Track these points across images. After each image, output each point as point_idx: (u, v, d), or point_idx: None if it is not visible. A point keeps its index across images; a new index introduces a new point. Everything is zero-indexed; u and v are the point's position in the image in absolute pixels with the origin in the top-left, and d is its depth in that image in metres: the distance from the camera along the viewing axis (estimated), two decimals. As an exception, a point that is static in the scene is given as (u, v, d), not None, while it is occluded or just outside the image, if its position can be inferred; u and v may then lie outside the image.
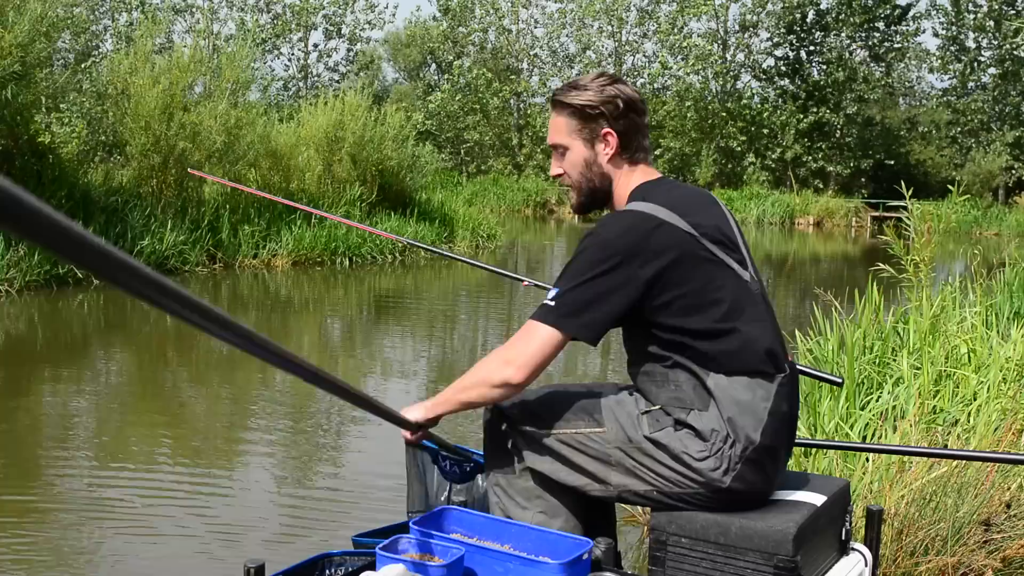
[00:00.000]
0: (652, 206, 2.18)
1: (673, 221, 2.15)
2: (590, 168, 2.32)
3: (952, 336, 5.47)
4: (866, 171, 45.95)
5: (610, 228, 2.16)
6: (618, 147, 2.29)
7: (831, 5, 45.56)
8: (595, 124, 2.28)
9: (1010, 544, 3.29)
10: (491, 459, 2.38)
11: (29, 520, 4.75)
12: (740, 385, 2.11)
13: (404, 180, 21.02)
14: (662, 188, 2.28)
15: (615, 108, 2.27)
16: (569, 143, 2.32)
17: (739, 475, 2.10)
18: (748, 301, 2.20)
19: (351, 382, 1.75)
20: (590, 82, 2.30)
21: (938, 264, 6.48)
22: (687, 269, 2.13)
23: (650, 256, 2.11)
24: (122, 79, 16.34)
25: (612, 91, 2.28)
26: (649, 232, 2.13)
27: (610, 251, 2.12)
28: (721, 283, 2.16)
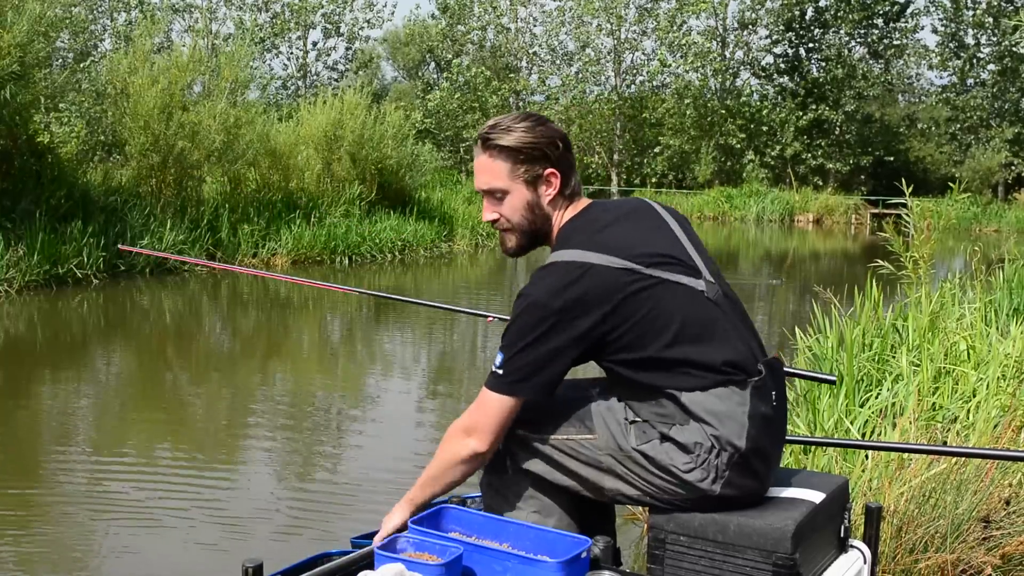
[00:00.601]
0: (578, 252, 2.13)
1: (603, 263, 2.11)
2: (532, 211, 2.26)
3: (951, 333, 5.46)
4: (865, 168, 45.91)
5: (540, 288, 2.12)
6: (559, 187, 2.25)
7: (830, 2, 45.50)
8: (537, 165, 2.23)
9: (1009, 541, 3.29)
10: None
11: (30, 517, 4.75)
12: (714, 398, 2.10)
13: (403, 179, 21.02)
14: (589, 222, 2.23)
15: (555, 148, 2.24)
16: (509, 187, 2.25)
17: (728, 481, 2.09)
18: (704, 313, 2.16)
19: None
20: (519, 123, 2.24)
21: (937, 261, 6.48)
22: (628, 307, 2.10)
23: (586, 307, 2.09)
24: (121, 79, 16.35)
25: (548, 131, 2.24)
26: (579, 283, 2.09)
27: (544, 312, 2.09)
28: (668, 306, 2.12)
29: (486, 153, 2.26)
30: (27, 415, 6.86)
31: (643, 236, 2.22)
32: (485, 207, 2.31)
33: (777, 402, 2.20)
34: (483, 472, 2.36)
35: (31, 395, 7.59)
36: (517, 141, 2.21)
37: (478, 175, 2.29)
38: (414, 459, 5.90)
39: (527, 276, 2.70)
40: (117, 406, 7.41)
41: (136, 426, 6.73)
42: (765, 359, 2.21)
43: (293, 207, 17.58)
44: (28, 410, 7.03)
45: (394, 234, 18.75)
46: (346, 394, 7.93)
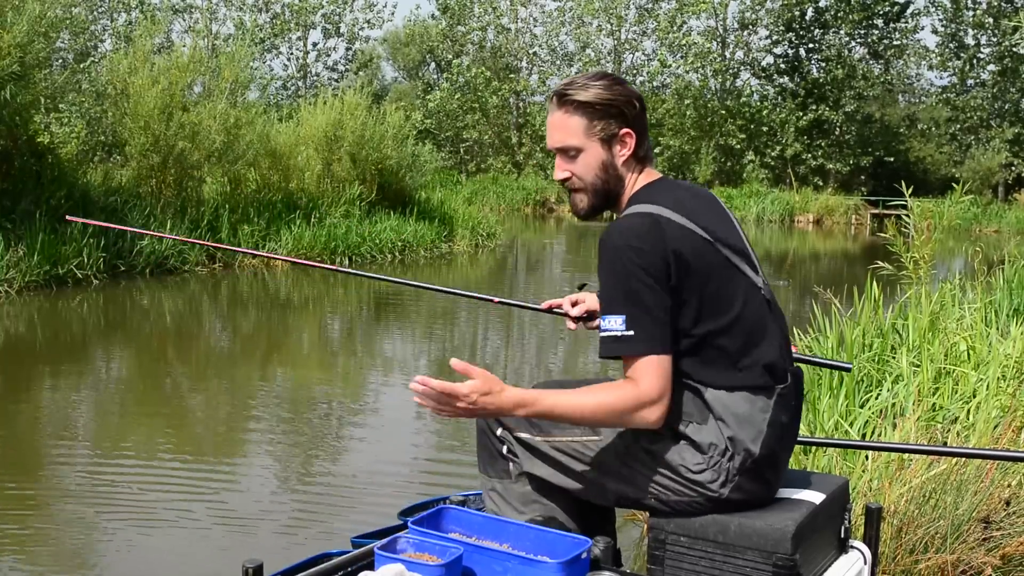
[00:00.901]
0: (659, 208, 2.09)
1: (683, 223, 2.07)
2: (606, 171, 2.19)
3: (951, 333, 5.46)
4: (866, 168, 45.91)
5: (627, 235, 2.04)
6: (634, 148, 2.19)
7: (830, 3, 45.51)
8: (613, 124, 2.16)
9: (1009, 541, 3.29)
10: (486, 465, 2.36)
11: (30, 517, 4.75)
12: (739, 399, 2.07)
13: (403, 179, 21.02)
14: (667, 191, 2.18)
15: (633, 107, 2.17)
16: (584, 144, 2.17)
17: (737, 486, 2.08)
18: (758, 310, 2.13)
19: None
20: (596, 80, 2.17)
21: (938, 261, 6.47)
22: (701, 276, 2.05)
23: (668, 258, 2.02)
24: (121, 79, 16.34)
25: (626, 90, 2.17)
26: (663, 234, 2.03)
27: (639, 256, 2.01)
28: (734, 291, 2.09)
29: (561, 109, 2.18)
30: (27, 415, 6.86)
31: (717, 218, 2.18)
32: (557, 165, 2.23)
33: (795, 411, 2.20)
34: (485, 478, 2.35)
35: (31, 395, 7.59)
36: (594, 97, 2.14)
37: (551, 132, 2.21)
38: (414, 459, 5.91)
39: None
40: (117, 406, 7.41)
41: (136, 426, 6.73)
42: (791, 367, 2.20)
43: (293, 207, 17.58)
44: (28, 410, 7.03)
45: (394, 234, 18.75)
46: (346, 393, 7.93)
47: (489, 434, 2.33)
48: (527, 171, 46.15)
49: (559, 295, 2.82)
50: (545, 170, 46.59)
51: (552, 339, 10.76)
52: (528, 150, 48.05)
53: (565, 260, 22.90)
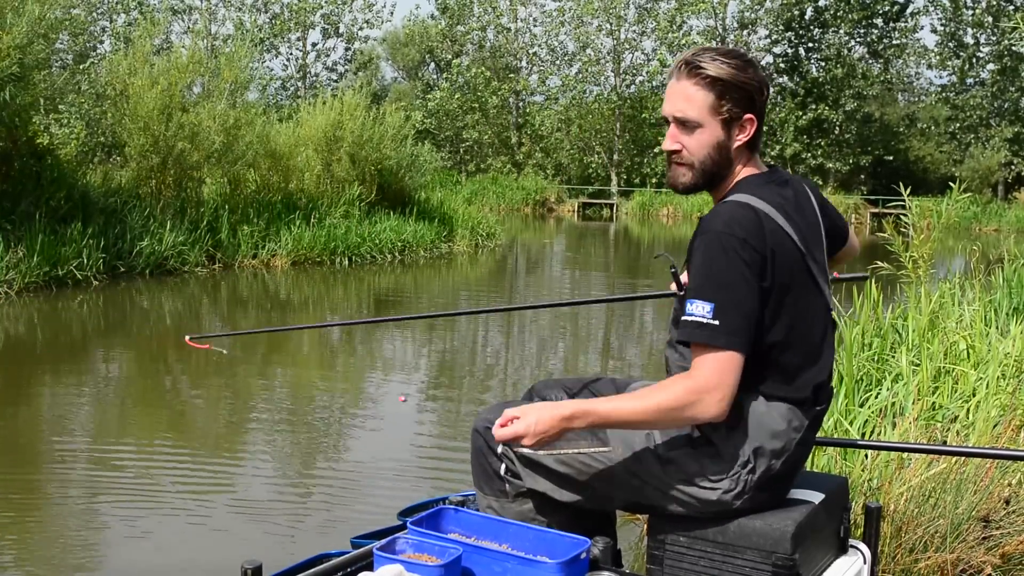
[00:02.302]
0: (765, 204, 2.00)
1: (785, 227, 1.99)
2: (719, 152, 2.07)
3: (951, 332, 5.46)
4: (865, 168, 45.92)
5: (734, 224, 1.95)
6: (751, 137, 2.08)
7: (829, 2, 45.51)
8: (739, 107, 2.04)
9: (1009, 540, 3.29)
10: (481, 482, 2.32)
11: (30, 517, 4.75)
12: (776, 413, 2.04)
13: (403, 179, 21.02)
14: (771, 185, 2.09)
15: (761, 95, 2.06)
16: (705, 120, 2.04)
17: (751, 498, 2.07)
18: (823, 331, 2.09)
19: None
20: (733, 58, 2.04)
21: (937, 260, 6.48)
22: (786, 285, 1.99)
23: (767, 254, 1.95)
24: (120, 80, 16.36)
25: (761, 75, 2.05)
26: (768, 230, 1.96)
27: (743, 249, 1.93)
28: (809, 308, 2.04)
29: (690, 80, 2.04)
30: (27, 416, 6.86)
31: (808, 226, 2.10)
32: (670, 134, 2.10)
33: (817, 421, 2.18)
34: (481, 495, 2.32)
35: (31, 396, 7.59)
36: (729, 76, 2.01)
37: (672, 99, 2.07)
38: (414, 459, 5.91)
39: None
40: (117, 407, 7.41)
41: (135, 427, 6.73)
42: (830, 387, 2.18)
43: (293, 208, 17.58)
44: (28, 411, 7.03)
45: (394, 235, 18.75)
46: (346, 394, 7.93)
47: (486, 452, 2.28)
48: (527, 171, 46.16)
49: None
50: (544, 170, 46.60)
51: (552, 338, 10.77)
52: (528, 150, 48.06)
53: (565, 260, 22.90)
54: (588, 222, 39.09)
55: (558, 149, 47.46)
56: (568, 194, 44.24)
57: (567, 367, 9.10)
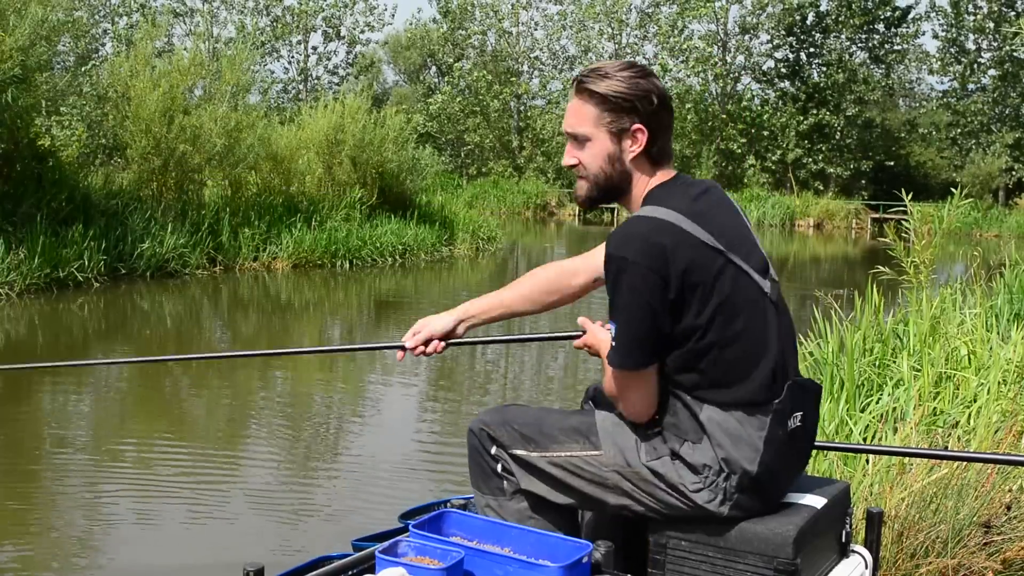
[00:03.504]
0: (671, 213, 2.04)
1: (693, 231, 2.03)
2: (612, 164, 2.15)
3: (952, 338, 5.46)
4: (866, 173, 45.93)
5: (634, 247, 2.01)
6: (645, 146, 2.13)
7: (831, 7, 45.55)
8: (625, 118, 2.11)
9: (1010, 546, 3.29)
10: (479, 481, 2.32)
11: (30, 518, 4.75)
12: (733, 420, 2.05)
13: (404, 182, 21.02)
14: (681, 192, 2.13)
15: (649, 104, 2.11)
16: (593, 134, 2.14)
17: (736, 504, 2.06)
18: (762, 321, 2.09)
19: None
20: (619, 71, 2.12)
21: (938, 266, 6.47)
22: (708, 288, 2.02)
23: (672, 268, 2.00)
24: (122, 82, 16.37)
25: (647, 85, 2.12)
26: (671, 244, 2.00)
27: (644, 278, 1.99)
28: (740, 302, 2.05)
29: (578, 96, 2.15)
30: (27, 417, 6.86)
31: (729, 220, 2.14)
32: (567, 150, 2.20)
33: (803, 422, 2.15)
34: (479, 495, 2.33)
35: (31, 398, 7.58)
36: (608, 89, 2.10)
37: (566, 116, 2.20)
38: (416, 462, 5.91)
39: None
40: (117, 409, 7.41)
41: (136, 429, 6.73)
42: (796, 379, 2.13)
43: (294, 211, 17.58)
44: (28, 412, 7.03)
45: (395, 238, 18.76)
46: (346, 397, 7.93)
47: (482, 452, 2.29)
48: (528, 175, 46.17)
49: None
50: (546, 174, 46.62)
51: (552, 344, 10.76)
52: (529, 154, 48.07)
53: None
54: (589, 226, 39.10)
55: (559, 153, 47.44)
56: (569, 198, 44.23)
57: (567, 371, 9.10)
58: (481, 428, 2.28)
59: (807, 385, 2.19)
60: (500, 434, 2.25)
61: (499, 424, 2.27)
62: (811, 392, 2.20)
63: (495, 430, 2.27)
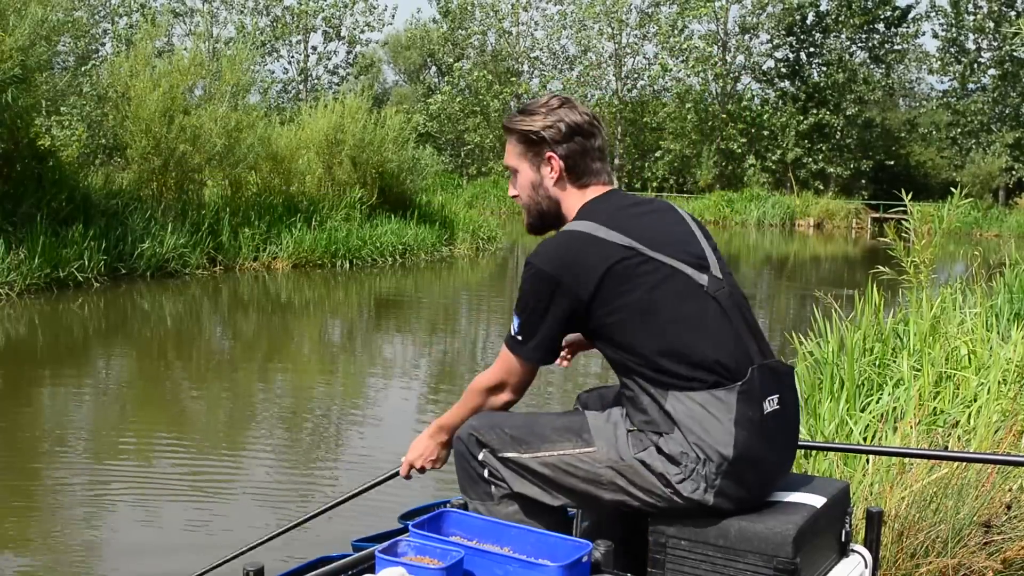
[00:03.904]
0: (588, 224, 2.20)
1: (607, 236, 2.16)
2: (537, 191, 2.36)
3: (952, 337, 5.46)
4: (866, 172, 45.96)
5: (542, 256, 2.20)
6: (562, 170, 2.32)
7: (831, 7, 45.58)
8: (539, 148, 2.32)
9: (1011, 546, 3.29)
10: (466, 487, 2.33)
11: (29, 518, 4.75)
12: (696, 404, 2.07)
13: (404, 182, 21.02)
14: (607, 204, 2.28)
15: (557, 133, 2.30)
16: (518, 166, 2.38)
17: (720, 491, 2.06)
18: (698, 308, 2.15)
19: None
20: (538, 106, 2.35)
21: (938, 266, 6.48)
22: (620, 280, 2.13)
23: (582, 275, 2.14)
24: (122, 82, 16.38)
25: (555, 116, 2.31)
26: (580, 251, 2.16)
27: (544, 280, 2.18)
28: (664, 292, 2.13)
29: (506, 133, 2.42)
30: (27, 417, 6.86)
31: (658, 224, 2.26)
32: (510, 183, 2.46)
33: (780, 407, 2.15)
34: (468, 500, 2.33)
35: (31, 398, 7.59)
36: (521, 125, 2.34)
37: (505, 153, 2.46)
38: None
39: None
40: (117, 409, 7.41)
41: (136, 429, 6.73)
42: (764, 362, 2.15)
43: (294, 211, 17.59)
44: (28, 412, 7.03)
45: (395, 238, 18.76)
46: (347, 396, 7.93)
47: (468, 458, 2.30)
48: (528, 175, 46.10)
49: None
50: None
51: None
52: (529, 153, 48.01)
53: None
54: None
55: (559, 152, 47.46)
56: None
57: (566, 371, 9.10)
58: (469, 433, 2.30)
59: (777, 367, 2.19)
60: (490, 438, 2.27)
61: (488, 428, 2.28)
62: (783, 374, 2.21)
63: (484, 434, 2.28)
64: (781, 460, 2.20)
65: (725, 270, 2.25)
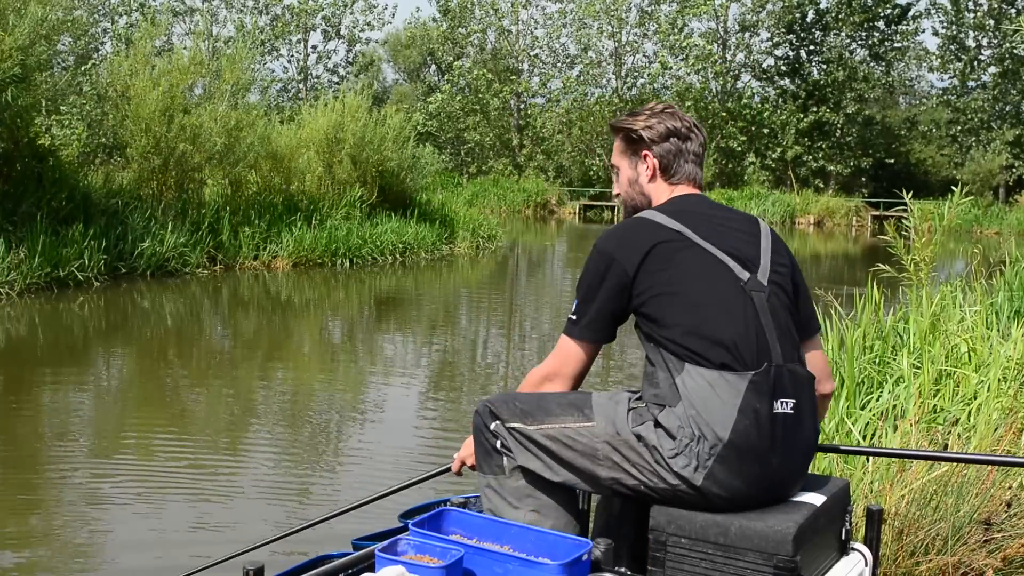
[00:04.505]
0: (653, 212, 2.35)
1: (662, 221, 2.29)
2: (633, 187, 2.51)
3: (952, 335, 5.46)
4: (866, 170, 45.92)
5: (603, 238, 2.35)
6: (656, 168, 2.46)
7: (831, 5, 45.54)
8: (637, 147, 2.48)
9: (1010, 543, 3.29)
10: (481, 461, 2.39)
11: (29, 518, 4.76)
12: (704, 380, 2.12)
13: (404, 181, 21.02)
14: (683, 201, 2.40)
15: (655, 133, 2.45)
16: (619, 163, 2.54)
17: (711, 474, 2.08)
18: (730, 294, 2.22)
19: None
20: (644, 109, 2.51)
21: (938, 263, 6.47)
22: (663, 258, 2.24)
23: (630, 252, 2.26)
24: (122, 81, 16.37)
25: (656, 119, 2.47)
26: (635, 232, 2.30)
27: (600, 257, 2.31)
28: (699, 272, 2.23)
29: (612, 133, 2.60)
30: (27, 417, 6.87)
31: (720, 223, 2.35)
32: (614, 181, 2.62)
33: (794, 412, 2.15)
34: (481, 476, 2.37)
35: (32, 397, 7.59)
36: (623, 124, 2.51)
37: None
38: (415, 462, 5.90)
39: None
40: (117, 408, 7.41)
41: (136, 428, 6.73)
42: (786, 365, 2.17)
43: (294, 209, 17.58)
44: (28, 412, 7.04)
45: (395, 236, 18.76)
46: (347, 397, 7.94)
47: (483, 429, 2.37)
48: (528, 173, 46.16)
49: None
50: (546, 172, 46.66)
51: (553, 338, 10.75)
52: (529, 152, 48.08)
53: (566, 260, 22.91)
54: (589, 224, 39.13)
55: (559, 151, 47.48)
56: (569, 196, 44.25)
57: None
58: (485, 405, 2.39)
59: (798, 372, 2.21)
60: (501, 409, 2.35)
61: (502, 401, 2.37)
62: (803, 381, 2.22)
63: (497, 406, 2.36)
64: (787, 466, 2.18)
65: (779, 280, 2.31)
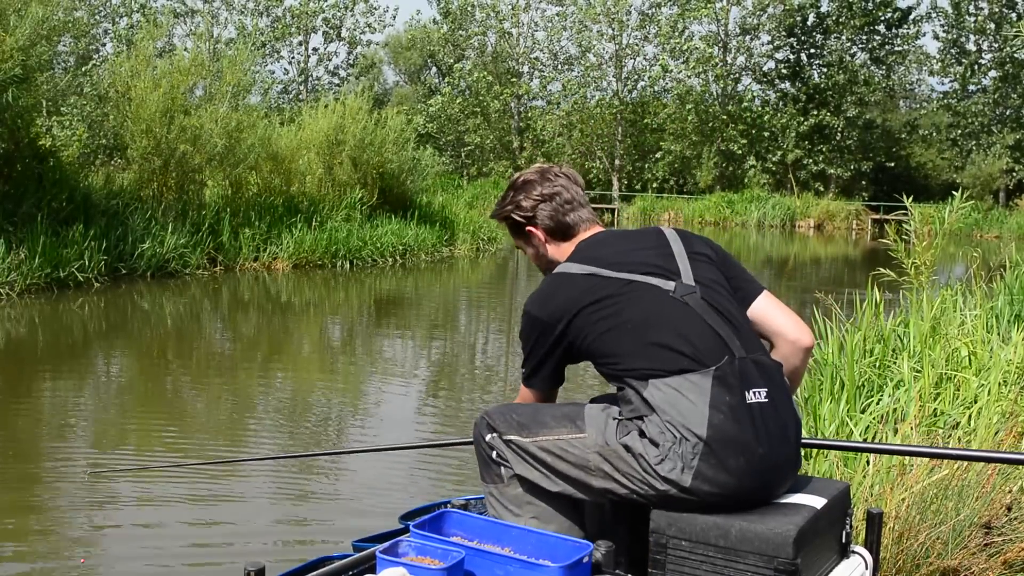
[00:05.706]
0: (564, 264, 2.46)
1: (574, 271, 2.39)
2: (540, 259, 2.64)
3: (952, 339, 5.45)
4: (867, 174, 45.91)
5: (529, 302, 2.45)
6: (546, 236, 2.58)
7: (831, 8, 45.55)
8: (520, 228, 2.61)
9: (1011, 547, 3.29)
10: (483, 471, 2.45)
11: (29, 518, 4.75)
12: (671, 387, 2.17)
13: (405, 183, 21.03)
14: (585, 244, 2.50)
15: (526, 211, 2.57)
16: (519, 244, 2.68)
17: (698, 473, 2.10)
18: (665, 307, 2.29)
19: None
20: (510, 187, 2.64)
21: (939, 267, 6.47)
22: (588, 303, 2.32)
23: (553, 310, 2.37)
24: (123, 82, 16.37)
25: (521, 194, 2.58)
26: (553, 290, 2.40)
27: (530, 323, 2.42)
28: (630, 303, 2.30)
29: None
30: (27, 417, 6.86)
31: (625, 248, 2.44)
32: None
33: (768, 400, 2.18)
34: (483, 484, 2.44)
35: (31, 398, 7.59)
36: (498, 215, 2.66)
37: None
38: (416, 462, 5.90)
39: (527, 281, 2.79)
40: (117, 409, 7.41)
41: (136, 429, 6.73)
42: (748, 355, 2.22)
43: (294, 211, 17.59)
44: (28, 412, 7.03)
45: (395, 238, 18.77)
46: (347, 398, 7.93)
47: (481, 441, 2.44)
48: (528, 175, 46.05)
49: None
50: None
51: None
52: (529, 154, 48.04)
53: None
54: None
55: (560, 154, 47.44)
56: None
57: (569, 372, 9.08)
58: (483, 417, 2.44)
59: (763, 361, 2.27)
60: (498, 422, 2.40)
61: (499, 413, 2.42)
62: (770, 369, 2.27)
63: (495, 419, 2.41)
64: (776, 455, 2.19)
65: (707, 273, 2.39)
